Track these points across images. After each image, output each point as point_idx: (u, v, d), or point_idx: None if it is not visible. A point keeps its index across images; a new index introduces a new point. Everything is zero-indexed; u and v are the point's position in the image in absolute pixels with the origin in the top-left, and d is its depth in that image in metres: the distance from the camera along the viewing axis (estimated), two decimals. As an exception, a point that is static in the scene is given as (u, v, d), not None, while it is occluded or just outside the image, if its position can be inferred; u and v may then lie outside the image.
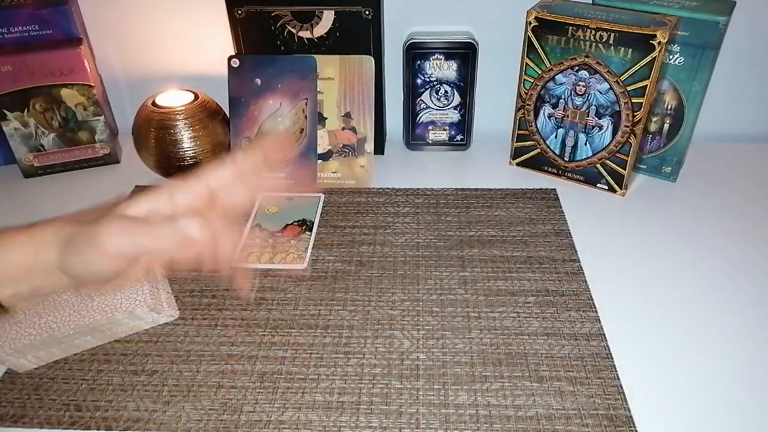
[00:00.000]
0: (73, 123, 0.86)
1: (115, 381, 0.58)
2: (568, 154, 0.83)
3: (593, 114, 0.78)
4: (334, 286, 0.68)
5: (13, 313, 0.41)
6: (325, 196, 0.82)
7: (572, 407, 0.54)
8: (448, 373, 0.58)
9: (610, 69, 0.74)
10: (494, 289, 0.67)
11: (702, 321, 0.63)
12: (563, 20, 0.74)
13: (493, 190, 0.83)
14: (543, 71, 0.79)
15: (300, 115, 0.83)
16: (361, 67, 0.82)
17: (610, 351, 0.60)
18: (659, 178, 0.85)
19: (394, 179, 0.86)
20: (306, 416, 0.54)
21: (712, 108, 0.93)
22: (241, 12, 0.81)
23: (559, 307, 0.64)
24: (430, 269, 0.70)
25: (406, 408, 0.55)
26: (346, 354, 0.60)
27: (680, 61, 0.76)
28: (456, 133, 0.91)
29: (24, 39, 0.82)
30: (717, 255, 0.71)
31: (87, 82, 0.83)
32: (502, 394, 0.56)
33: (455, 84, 0.86)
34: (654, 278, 0.68)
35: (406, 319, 0.64)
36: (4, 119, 0.82)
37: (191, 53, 0.93)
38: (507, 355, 0.59)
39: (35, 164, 0.87)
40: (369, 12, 0.80)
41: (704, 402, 0.55)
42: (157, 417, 0.55)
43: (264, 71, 0.82)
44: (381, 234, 0.75)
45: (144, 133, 0.80)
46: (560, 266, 0.70)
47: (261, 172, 0.42)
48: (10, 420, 0.55)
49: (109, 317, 0.59)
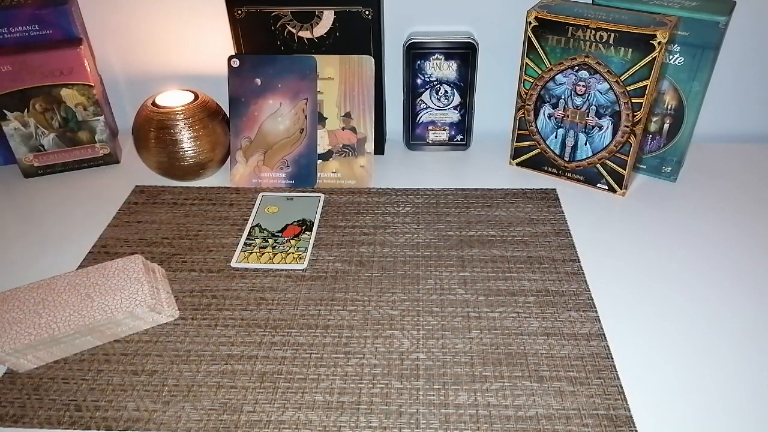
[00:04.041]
0: (73, 123, 0.86)
1: (115, 381, 0.58)
2: (568, 154, 0.83)
3: (593, 114, 0.78)
4: (334, 286, 0.68)
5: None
6: (325, 196, 0.82)
7: (572, 407, 0.54)
8: (448, 373, 0.58)
9: (610, 69, 0.74)
10: (494, 289, 0.67)
11: (702, 321, 0.63)
12: (563, 20, 0.74)
13: (493, 190, 0.83)
14: (543, 71, 0.79)
15: (300, 115, 0.83)
16: (361, 67, 0.82)
17: (610, 351, 0.60)
18: (659, 178, 0.85)
19: (394, 179, 0.86)
20: (306, 416, 0.54)
21: (712, 108, 0.93)
22: (241, 12, 0.81)
23: (559, 307, 0.64)
24: (430, 269, 0.70)
25: (406, 408, 0.55)
26: (346, 354, 0.60)
27: (680, 61, 0.76)
28: (456, 133, 0.91)
29: (24, 39, 0.82)
30: (717, 255, 0.71)
31: (87, 82, 0.83)
32: (502, 394, 0.56)
33: (455, 84, 0.86)
34: (654, 278, 0.68)
35: (406, 319, 0.64)
36: (4, 119, 0.82)
37: (191, 53, 0.93)
38: (507, 355, 0.59)
39: (35, 164, 0.87)
40: (369, 12, 0.80)
41: (704, 402, 0.55)
42: (157, 417, 0.55)
43: (264, 71, 0.82)
44: (381, 234, 0.75)
45: (144, 133, 0.80)
46: (560, 266, 0.70)
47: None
48: (10, 420, 0.55)
49: (109, 317, 0.59)
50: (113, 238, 0.76)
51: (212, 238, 0.75)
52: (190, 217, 0.79)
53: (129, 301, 0.60)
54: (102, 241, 0.75)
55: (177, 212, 0.80)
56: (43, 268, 0.72)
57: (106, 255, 0.73)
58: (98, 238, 0.76)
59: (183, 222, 0.78)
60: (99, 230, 0.78)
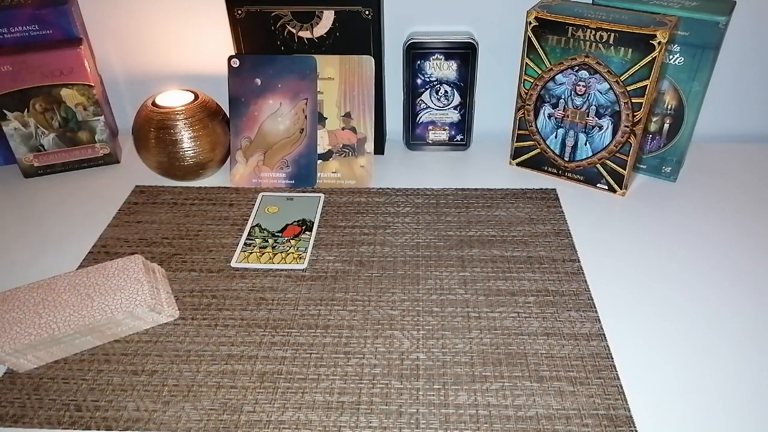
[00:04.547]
0: (73, 123, 0.86)
1: (115, 381, 0.58)
2: (568, 154, 0.83)
3: (593, 114, 0.78)
4: (334, 286, 0.68)
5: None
6: (325, 196, 0.82)
7: (572, 407, 0.54)
8: (448, 373, 0.58)
9: (610, 69, 0.74)
10: (494, 289, 0.67)
11: (702, 321, 0.63)
12: (563, 20, 0.74)
13: (493, 190, 0.83)
14: (543, 71, 0.79)
15: (300, 115, 0.83)
16: (361, 67, 0.82)
17: (610, 351, 0.60)
18: (659, 178, 0.85)
19: (394, 179, 0.86)
20: (306, 416, 0.54)
21: (712, 108, 0.93)
22: (241, 12, 0.81)
23: (559, 307, 0.64)
24: (430, 269, 0.70)
25: (406, 408, 0.55)
26: (346, 354, 0.60)
27: (680, 61, 0.76)
28: (456, 133, 0.91)
29: (24, 39, 0.82)
30: (717, 255, 0.71)
31: (87, 82, 0.83)
32: (502, 394, 0.56)
33: (455, 84, 0.86)
34: (654, 278, 0.68)
35: (406, 319, 0.64)
36: (4, 119, 0.82)
37: (191, 53, 0.93)
38: (507, 355, 0.59)
39: (35, 164, 0.87)
40: (369, 12, 0.80)
41: (704, 402, 0.55)
42: (157, 417, 0.55)
43: (264, 71, 0.82)
44: (381, 234, 0.75)
45: (144, 133, 0.80)
46: (560, 266, 0.70)
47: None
48: (10, 420, 0.55)
49: (109, 317, 0.59)
50: (113, 238, 0.76)
51: (212, 238, 0.75)
52: (190, 217, 0.79)
53: (129, 301, 0.60)
54: (102, 241, 0.75)
55: (177, 212, 0.80)
56: (43, 268, 0.72)
57: (106, 255, 0.73)
58: (98, 238, 0.76)
59: (183, 222, 0.78)
60: (99, 230, 0.78)
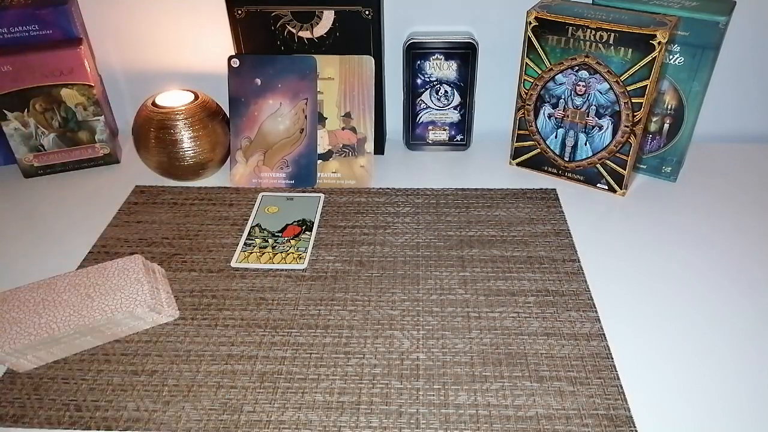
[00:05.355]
0: (73, 123, 0.86)
1: (115, 381, 0.58)
2: (568, 154, 0.83)
3: (593, 114, 0.78)
4: (334, 286, 0.68)
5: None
6: (325, 196, 0.82)
7: (572, 407, 0.54)
8: (448, 373, 0.58)
9: (610, 69, 0.74)
10: (494, 289, 0.67)
11: (702, 321, 0.63)
12: (563, 20, 0.74)
13: (493, 190, 0.83)
14: (543, 71, 0.79)
15: (300, 115, 0.83)
16: (361, 67, 0.82)
17: (610, 351, 0.60)
18: (659, 178, 0.85)
19: (394, 179, 0.86)
20: (306, 416, 0.54)
21: (712, 108, 0.93)
22: (241, 12, 0.81)
23: (559, 307, 0.64)
24: (430, 269, 0.70)
25: (406, 408, 0.55)
26: (346, 354, 0.60)
27: (680, 61, 0.76)
28: (456, 133, 0.91)
29: (24, 39, 0.82)
30: (717, 255, 0.71)
31: (87, 82, 0.83)
32: (502, 394, 0.56)
33: (455, 84, 0.86)
34: (654, 278, 0.68)
35: (406, 319, 0.64)
36: (4, 119, 0.82)
37: (191, 53, 0.93)
38: (507, 355, 0.59)
39: (35, 164, 0.87)
40: (369, 12, 0.80)
41: (704, 402, 0.55)
42: (157, 417, 0.55)
43: (264, 71, 0.82)
44: (381, 234, 0.75)
45: (144, 133, 0.80)
46: (560, 266, 0.70)
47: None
48: (10, 420, 0.55)
49: (109, 317, 0.59)
50: (113, 238, 0.76)
51: (212, 238, 0.75)
52: (190, 217, 0.79)
53: (129, 301, 0.60)
54: (102, 241, 0.75)
55: (177, 212, 0.80)
56: (43, 268, 0.72)
57: (106, 255, 0.73)
58: (98, 238, 0.76)
59: (183, 222, 0.78)
60: (99, 230, 0.78)
